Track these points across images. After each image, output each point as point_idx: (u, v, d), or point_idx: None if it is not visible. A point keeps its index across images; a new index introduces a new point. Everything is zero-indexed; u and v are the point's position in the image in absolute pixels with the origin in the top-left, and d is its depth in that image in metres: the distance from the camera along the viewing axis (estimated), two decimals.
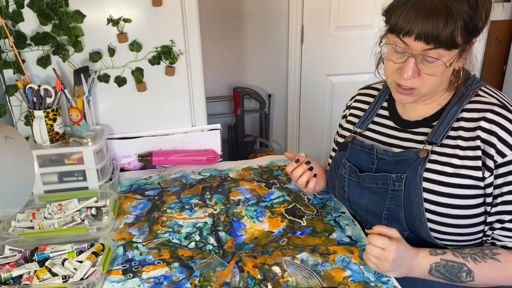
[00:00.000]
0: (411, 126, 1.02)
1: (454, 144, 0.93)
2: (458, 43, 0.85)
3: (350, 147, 1.09)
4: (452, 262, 0.90)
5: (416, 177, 0.94)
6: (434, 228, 0.94)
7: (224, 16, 2.53)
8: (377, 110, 1.10)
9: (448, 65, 0.87)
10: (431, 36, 0.83)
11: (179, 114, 1.50)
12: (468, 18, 0.84)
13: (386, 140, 1.05)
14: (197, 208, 1.22)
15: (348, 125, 1.16)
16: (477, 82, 0.98)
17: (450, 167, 0.92)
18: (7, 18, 1.23)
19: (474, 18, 0.85)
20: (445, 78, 0.92)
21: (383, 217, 1.01)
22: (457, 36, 0.84)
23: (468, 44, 0.89)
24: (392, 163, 0.99)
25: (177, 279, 0.95)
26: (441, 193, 0.92)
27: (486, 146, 0.89)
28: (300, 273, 0.96)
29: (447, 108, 0.96)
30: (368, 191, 1.03)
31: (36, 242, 1.05)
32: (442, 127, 0.95)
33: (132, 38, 1.35)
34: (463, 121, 0.94)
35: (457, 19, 0.82)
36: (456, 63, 0.91)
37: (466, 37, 0.86)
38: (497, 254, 0.91)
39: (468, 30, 0.85)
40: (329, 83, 2.78)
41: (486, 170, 0.89)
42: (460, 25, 0.83)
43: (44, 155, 1.22)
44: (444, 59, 0.86)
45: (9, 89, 1.30)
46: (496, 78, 3.04)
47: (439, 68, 0.87)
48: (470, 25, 0.84)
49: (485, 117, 0.91)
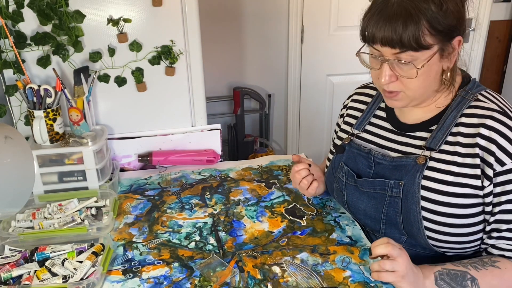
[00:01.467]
0: (408, 130, 1.00)
1: (453, 150, 0.92)
2: (426, 44, 0.83)
3: (348, 149, 1.08)
4: (454, 271, 0.89)
5: (414, 184, 0.93)
6: (432, 236, 0.93)
7: (224, 16, 2.53)
8: (375, 110, 1.09)
9: (419, 66, 0.85)
10: (393, 40, 0.83)
11: (179, 114, 1.50)
12: (434, 17, 0.82)
13: (384, 143, 1.04)
14: (197, 208, 1.22)
15: (346, 126, 1.15)
16: (477, 86, 0.96)
17: (449, 175, 0.91)
18: (7, 18, 1.23)
19: (442, 17, 0.83)
20: (431, 79, 0.89)
21: (381, 222, 1.01)
22: (422, 36, 0.82)
23: (448, 43, 0.86)
24: (389, 168, 0.98)
25: (177, 279, 0.95)
26: (440, 202, 0.91)
27: (485, 154, 0.88)
28: (300, 273, 0.96)
29: (446, 112, 0.94)
30: (366, 196, 1.02)
31: (36, 242, 1.05)
32: (440, 132, 0.93)
33: (132, 38, 1.35)
34: (462, 126, 0.92)
35: (419, 20, 0.81)
36: (439, 63, 0.88)
37: (437, 37, 0.84)
38: (496, 262, 0.90)
39: (437, 30, 0.83)
40: (329, 83, 2.78)
41: (486, 179, 0.88)
42: (424, 25, 0.82)
43: (44, 155, 1.22)
44: (418, 60, 0.85)
45: (9, 89, 1.30)
46: (496, 78, 3.04)
47: (415, 71, 0.86)
48: (437, 24, 0.82)
49: (485, 124, 0.88)
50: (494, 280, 0.88)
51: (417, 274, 0.88)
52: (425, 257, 1.00)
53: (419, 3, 0.82)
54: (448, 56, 0.88)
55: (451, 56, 0.88)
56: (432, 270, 0.90)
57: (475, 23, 2.79)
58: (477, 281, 0.88)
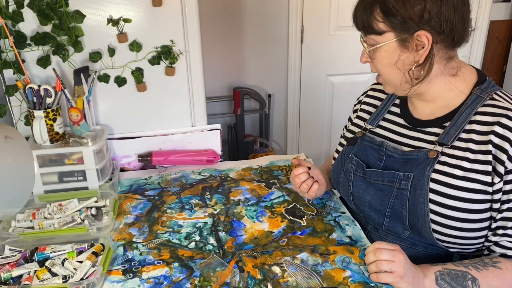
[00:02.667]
0: (422, 125, 1.01)
1: (465, 146, 0.92)
2: (377, 29, 0.90)
3: (359, 142, 1.09)
4: (455, 271, 0.89)
5: (424, 177, 0.94)
6: (437, 230, 0.94)
7: (224, 16, 2.53)
8: (389, 107, 1.10)
9: (370, 47, 0.94)
10: (357, 24, 0.94)
11: (179, 114, 1.50)
12: (389, 6, 0.88)
13: (396, 138, 1.05)
14: (197, 208, 1.22)
15: (358, 120, 1.16)
16: (492, 86, 0.96)
17: (459, 169, 0.91)
18: (7, 18, 1.23)
19: (399, 7, 0.86)
20: (396, 67, 0.93)
21: (386, 215, 1.01)
22: (374, 22, 0.90)
23: (406, 34, 0.88)
24: (400, 161, 0.99)
25: (177, 279, 0.95)
26: (448, 195, 0.91)
27: (498, 151, 0.88)
28: (300, 273, 0.96)
29: (460, 109, 0.95)
30: (373, 188, 1.03)
31: (36, 242, 1.05)
32: (454, 128, 0.94)
33: (132, 38, 1.35)
34: (476, 124, 0.92)
35: (373, 5, 0.90)
36: (400, 53, 0.91)
37: (390, 24, 0.89)
38: (497, 262, 0.90)
39: (390, 18, 0.88)
40: (329, 83, 2.78)
41: (496, 176, 0.88)
42: (376, 11, 0.89)
43: (44, 155, 1.22)
44: (378, 45, 0.92)
45: (9, 89, 1.30)
46: (496, 78, 3.05)
47: (377, 54, 0.94)
48: (390, 13, 0.88)
49: (500, 122, 0.89)
50: (495, 280, 0.89)
51: (416, 273, 0.88)
52: (425, 257, 1.01)
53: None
54: (412, 50, 0.90)
55: (420, 52, 0.90)
56: (432, 270, 0.90)
57: (475, 23, 2.79)
58: (478, 282, 0.88)
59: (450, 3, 0.87)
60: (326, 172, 1.26)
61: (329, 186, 1.25)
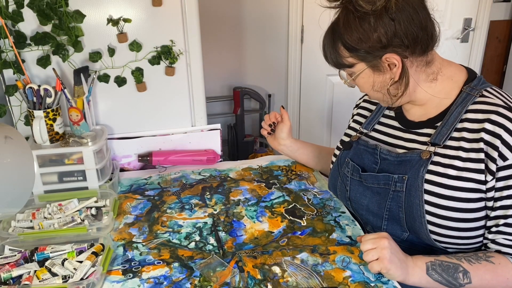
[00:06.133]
0: (415, 127, 1.02)
1: (457, 145, 0.92)
2: (349, 63, 0.95)
3: (355, 146, 1.10)
4: (447, 262, 0.90)
5: (418, 178, 0.94)
6: (434, 231, 0.94)
7: (224, 16, 2.53)
8: (384, 110, 1.11)
9: (353, 78, 0.98)
10: (329, 62, 1.00)
11: (179, 114, 1.50)
12: (344, 41, 0.92)
13: (391, 140, 1.05)
14: (197, 208, 1.22)
15: (355, 124, 1.18)
16: (482, 83, 0.96)
17: (453, 169, 0.91)
18: (7, 18, 1.23)
19: (358, 41, 0.90)
20: (376, 88, 0.97)
21: (383, 218, 1.01)
22: (343, 58, 0.95)
23: (374, 60, 0.91)
24: (395, 163, 0.99)
25: (177, 279, 0.95)
26: (443, 195, 0.92)
27: (489, 148, 0.88)
28: (300, 273, 0.96)
29: (450, 108, 0.95)
30: (370, 191, 1.03)
31: (36, 242, 1.04)
32: (445, 128, 0.94)
33: (132, 38, 1.35)
34: (467, 122, 0.93)
35: (335, 44, 0.95)
36: (374, 76, 0.94)
37: (357, 56, 0.92)
38: (491, 257, 0.90)
39: (352, 52, 0.92)
40: (329, 83, 2.78)
41: (489, 174, 0.89)
42: (340, 48, 0.94)
43: (44, 155, 1.22)
44: (354, 76, 0.97)
45: (9, 89, 1.30)
46: (496, 78, 3.05)
47: (356, 82, 0.99)
48: (349, 47, 0.92)
49: (490, 119, 0.89)
50: (487, 274, 0.89)
51: (404, 260, 0.89)
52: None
53: (339, 30, 0.93)
54: (386, 70, 0.93)
55: (394, 70, 0.92)
56: (424, 260, 0.91)
57: (475, 23, 2.79)
58: (469, 274, 0.88)
59: (404, 19, 0.87)
60: (317, 150, 1.38)
61: (295, 150, 1.39)
